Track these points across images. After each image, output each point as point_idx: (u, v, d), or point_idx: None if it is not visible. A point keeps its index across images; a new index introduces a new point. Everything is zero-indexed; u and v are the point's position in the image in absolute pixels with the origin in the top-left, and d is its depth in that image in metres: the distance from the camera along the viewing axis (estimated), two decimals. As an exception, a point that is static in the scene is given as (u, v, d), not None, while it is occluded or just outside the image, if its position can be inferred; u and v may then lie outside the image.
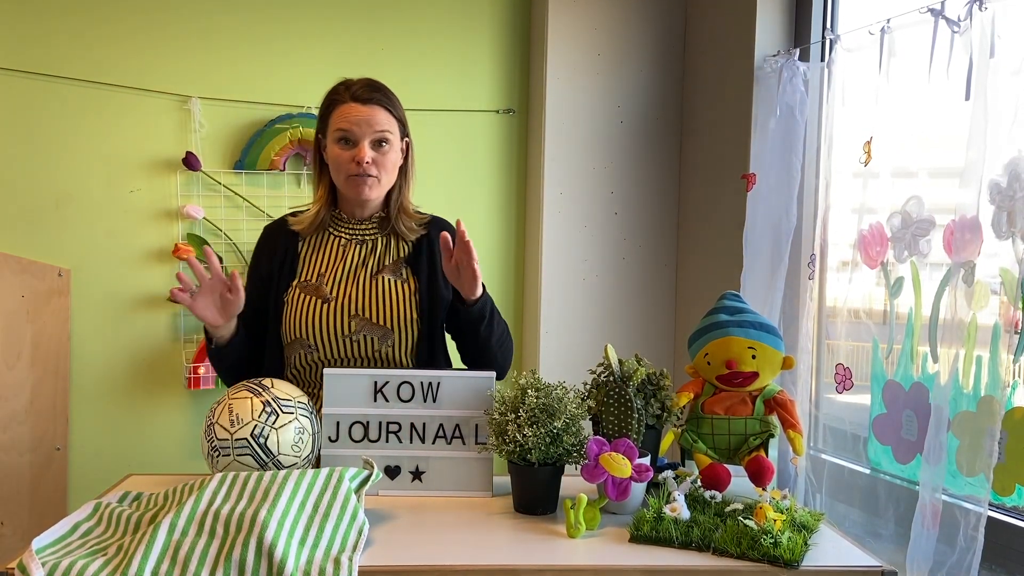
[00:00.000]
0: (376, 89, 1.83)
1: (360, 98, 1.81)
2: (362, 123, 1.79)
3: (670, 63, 2.99)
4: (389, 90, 1.87)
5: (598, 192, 2.97)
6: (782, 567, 1.35)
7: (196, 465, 2.81)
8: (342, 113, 1.81)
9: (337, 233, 1.91)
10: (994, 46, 1.61)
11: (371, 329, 1.82)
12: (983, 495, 1.56)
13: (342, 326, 1.82)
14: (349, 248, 1.89)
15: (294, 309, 1.83)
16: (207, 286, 1.73)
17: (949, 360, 1.65)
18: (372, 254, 1.89)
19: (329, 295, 1.84)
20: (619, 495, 1.52)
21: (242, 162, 2.83)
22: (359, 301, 1.83)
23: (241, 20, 2.84)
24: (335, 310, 1.82)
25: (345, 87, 1.84)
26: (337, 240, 1.90)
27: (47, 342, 2.70)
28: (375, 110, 1.80)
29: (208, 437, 1.57)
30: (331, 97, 1.85)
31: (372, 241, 1.90)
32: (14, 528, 2.66)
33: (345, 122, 1.80)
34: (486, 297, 1.82)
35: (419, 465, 1.68)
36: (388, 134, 1.81)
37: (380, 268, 1.88)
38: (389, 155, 1.83)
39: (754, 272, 2.40)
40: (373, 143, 1.81)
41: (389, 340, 1.83)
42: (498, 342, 1.86)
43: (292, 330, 1.83)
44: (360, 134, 1.80)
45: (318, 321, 1.82)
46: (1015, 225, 1.53)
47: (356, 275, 1.86)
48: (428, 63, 2.98)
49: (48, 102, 2.72)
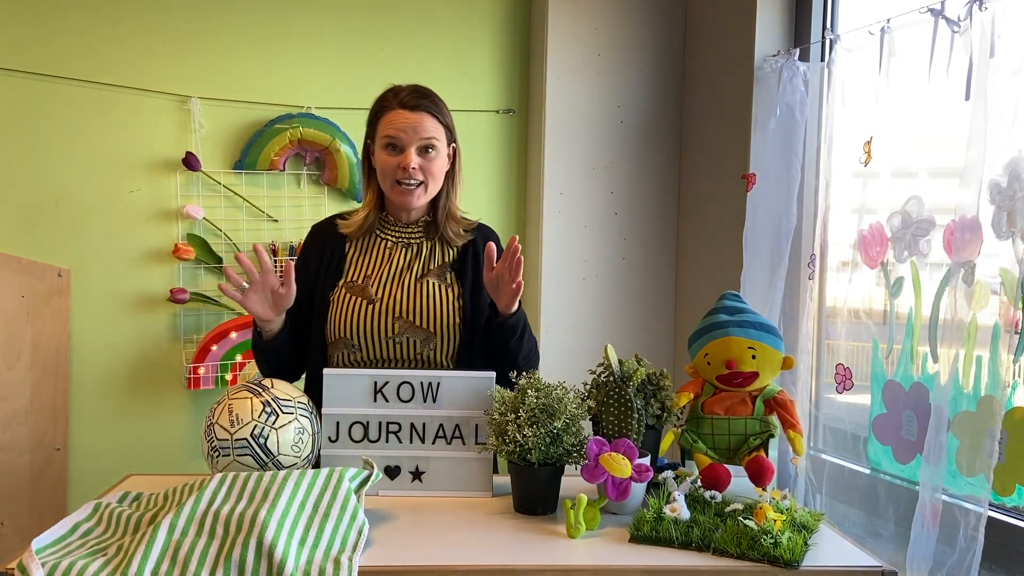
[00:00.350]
0: (424, 96, 1.85)
1: (408, 104, 1.82)
2: (409, 130, 1.81)
3: (670, 63, 2.99)
4: (437, 96, 1.88)
5: (598, 192, 2.97)
6: (782, 567, 1.35)
7: (196, 465, 2.81)
8: (390, 119, 1.83)
9: (384, 236, 1.92)
10: (994, 46, 1.61)
11: (414, 332, 1.84)
12: (983, 495, 1.56)
13: (386, 328, 1.83)
14: (395, 251, 1.91)
15: (339, 309, 1.85)
16: (258, 282, 1.75)
17: (949, 360, 1.65)
18: (417, 258, 1.90)
19: (375, 297, 1.85)
20: (619, 495, 1.52)
21: (242, 162, 2.83)
22: (403, 304, 1.85)
23: (241, 20, 2.84)
24: (379, 312, 1.84)
25: (394, 93, 1.85)
26: (384, 243, 1.92)
27: (47, 342, 2.70)
28: (422, 117, 1.82)
29: (208, 437, 1.58)
30: (380, 103, 1.87)
31: (418, 245, 1.92)
32: (14, 528, 2.66)
33: (392, 128, 1.82)
34: (521, 313, 1.83)
35: (419, 465, 1.68)
36: (435, 141, 1.83)
37: (425, 272, 1.89)
38: (435, 161, 1.84)
39: (754, 272, 2.40)
40: (420, 149, 1.82)
41: (431, 343, 1.84)
42: (524, 358, 1.87)
43: (336, 330, 1.85)
44: (407, 141, 1.81)
45: (362, 322, 1.83)
46: (1015, 225, 1.53)
47: (401, 278, 1.88)
48: (428, 63, 2.98)
49: (48, 102, 2.72)
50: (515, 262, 1.69)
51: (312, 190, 2.91)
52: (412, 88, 1.86)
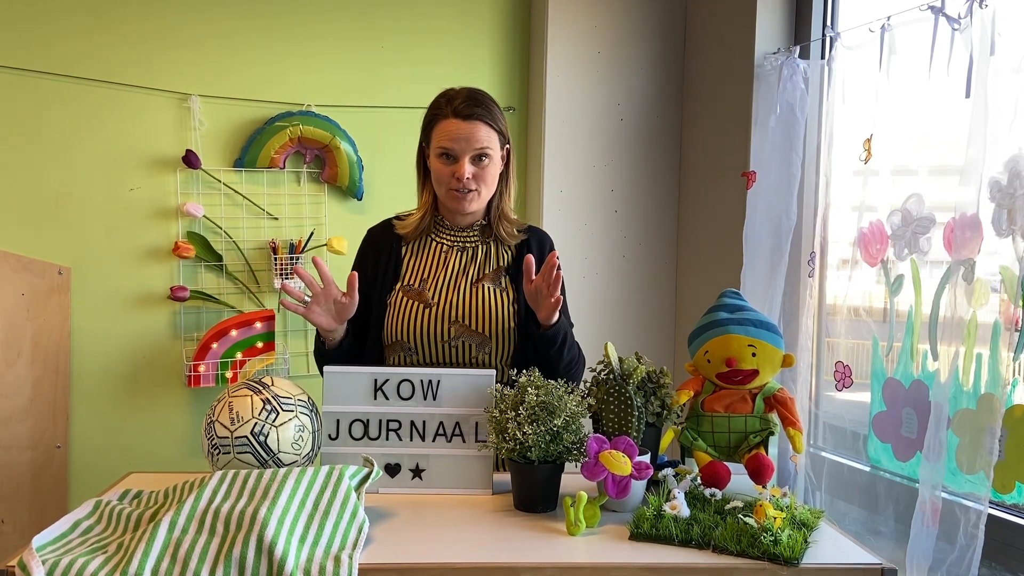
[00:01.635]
0: (477, 103, 1.83)
1: (461, 114, 1.81)
2: (462, 140, 1.81)
3: (670, 61, 2.99)
4: (491, 101, 1.87)
5: (598, 190, 2.97)
6: (782, 565, 1.35)
7: (196, 463, 2.82)
8: (444, 129, 1.82)
9: (439, 239, 1.93)
10: (994, 44, 1.61)
11: (470, 336, 1.84)
12: (983, 493, 1.56)
13: (442, 331, 1.84)
14: (451, 255, 1.92)
15: (396, 312, 1.86)
16: (320, 294, 1.76)
17: (949, 358, 1.65)
18: (473, 262, 1.91)
19: (431, 300, 1.86)
20: (619, 493, 1.52)
21: (242, 160, 2.83)
22: (459, 308, 1.85)
23: (241, 18, 2.84)
24: (436, 316, 1.84)
25: (447, 100, 1.84)
26: (440, 246, 1.93)
27: (47, 340, 2.70)
28: (476, 126, 1.81)
29: (208, 435, 1.58)
30: (433, 110, 1.87)
31: (473, 249, 1.92)
32: (14, 526, 2.66)
33: (446, 139, 1.82)
34: (560, 324, 1.82)
35: (419, 463, 1.68)
36: (488, 149, 1.83)
37: (481, 276, 1.90)
38: (489, 169, 1.85)
39: (754, 270, 2.40)
40: (473, 159, 1.82)
41: (487, 348, 1.85)
42: (566, 368, 1.86)
43: (393, 332, 1.86)
44: (460, 151, 1.81)
45: (419, 325, 1.84)
46: (1015, 223, 1.53)
47: (457, 282, 1.89)
48: (428, 61, 2.98)
49: (48, 100, 2.72)
50: (554, 277, 1.70)
51: (312, 188, 2.91)
52: (466, 95, 1.84)
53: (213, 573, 1.27)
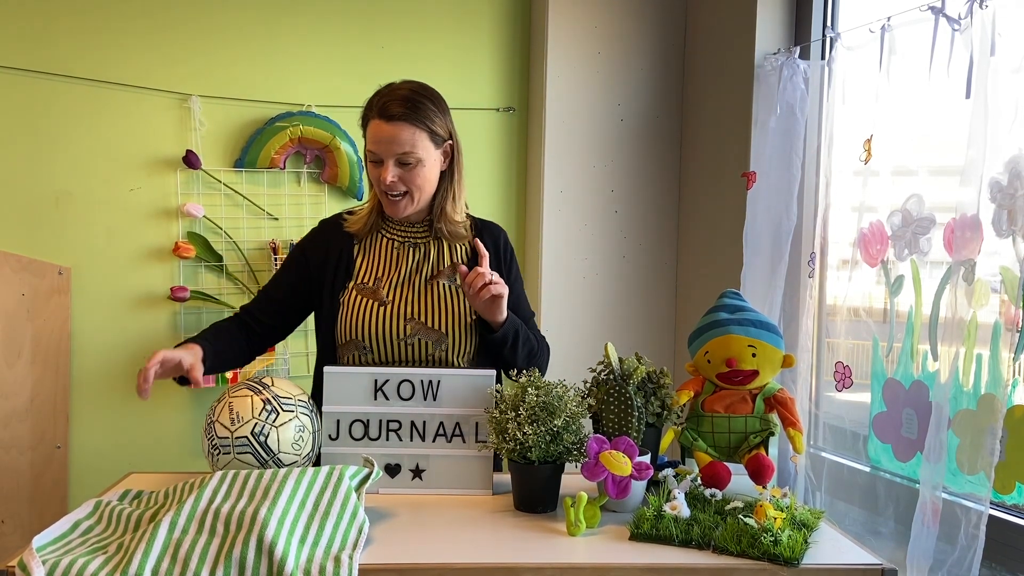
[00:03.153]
0: (405, 103, 1.78)
1: (386, 115, 1.77)
2: (384, 143, 1.78)
3: (670, 61, 2.99)
4: (422, 99, 1.81)
5: (598, 190, 2.97)
6: (782, 565, 1.35)
7: (196, 463, 2.81)
8: (370, 131, 1.81)
9: (390, 236, 1.91)
10: (995, 44, 1.61)
11: (426, 333, 1.83)
12: (984, 493, 1.56)
13: (398, 329, 1.82)
14: (403, 252, 1.89)
15: (350, 311, 1.83)
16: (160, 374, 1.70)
17: (949, 358, 1.65)
18: (426, 260, 1.89)
19: (386, 298, 1.84)
20: (619, 493, 1.52)
21: (242, 160, 2.83)
22: (415, 305, 1.84)
23: (241, 18, 2.84)
24: (391, 313, 1.83)
25: (378, 98, 1.81)
26: (391, 243, 1.90)
27: (47, 340, 2.70)
28: (399, 128, 1.77)
29: (208, 435, 1.58)
30: (365, 110, 1.84)
31: (425, 245, 1.90)
32: (14, 526, 2.66)
33: (371, 142, 1.80)
34: (508, 326, 1.82)
35: (419, 463, 1.68)
36: (412, 154, 1.78)
37: (435, 273, 1.88)
38: (416, 170, 1.80)
39: (754, 270, 2.40)
40: (397, 162, 1.79)
41: (443, 344, 1.83)
42: (525, 361, 1.86)
43: (347, 331, 1.83)
44: (384, 154, 1.79)
45: (374, 324, 1.82)
46: (1015, 223, 1.53)
47: (412, 280, 1.87)
48: (428, 61, 2.98)
49: (48, 100, 2.72)
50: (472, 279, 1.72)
51: (312, 188, 2.91)
52: (399, 95, 1.79)
53: (213, 573, 1.27)
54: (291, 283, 1.92)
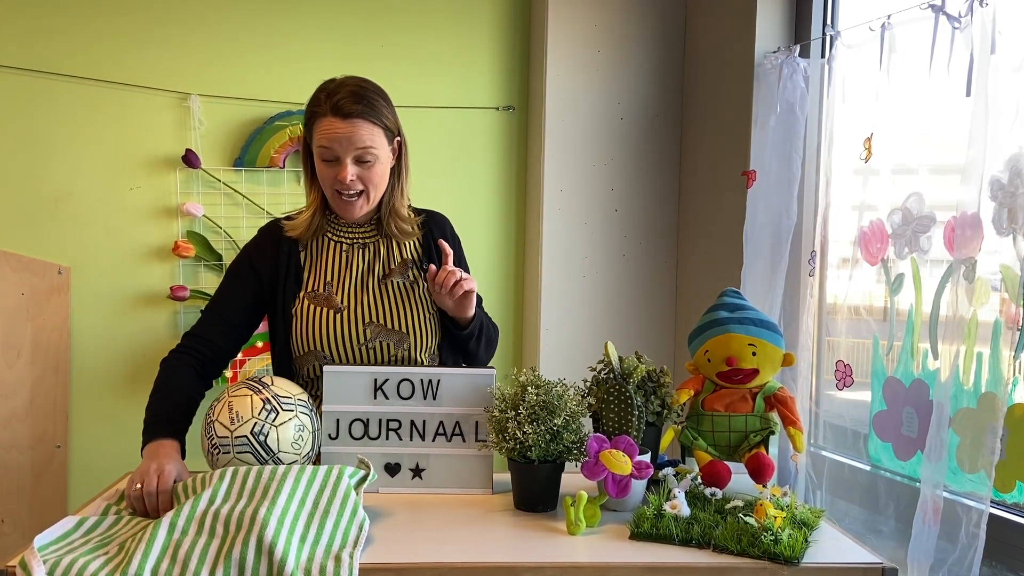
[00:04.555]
0: (359, 99, 1.71)
1: (341, 112, 1.69)
2: (343, 140, 1.70)
3: (670, 60, 2.98)
4: (373, 94, 1.74)
5: (598, 189, 2.96)
6: (782, 564, 1.34)
7: (196, 463, 2.80)
8: (323, 128, 1.71)
9: (337, 238, 1.85)
10: (995, 42, 1.61)
11: (386, 335, 1.80)
12: (984, 492, 1.56)
13: (357, 335, 1.78)
14: (352, 254, 1.84)
15: (305, 321, 1.78)
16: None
17: (950, 357, 1.65)
18: (377, 259, 1.84)
19: (340, 305, 1.80)
20: (619, 492, 1.52)
21: (242, 159, 2.83)
22: (372, 308, 1.80)
23: (241, 17, 2.84)
24: (348, 319, 1.79)
25: (327, 95, 1.72)
26: (339, 246, 1.84)
27: (47, 340, 2.70)
28: (356, 125, 1.69)
29: (208, 435, 1.57)
30: (312, 107, 1.74)
31: (374, 245, 1.85)
32: (14, 526, 2.66)
33: (326, 139, 1.71)
34: (476, 318, 1.82)
35: (419, 462, 1.68)
36: (371, 150, 1.72)
37: (388, 272, 1.84)
38: (375, 168, 1.74)
39: (754, 269, 2.40)
40: (356, 160, 1.72)
41: (405, 344, 1.81)
42: (486, 347, 1.90)
43: (304, 343, 1.78)
44: (341, 152, 1.71)
45: (331, 332, 1.77)
46: (1016, 222, 1.53)
47: (365, 282, 1.82)
48: (428, 60, 2.98)
49: (48, 100, 2.72)
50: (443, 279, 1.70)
51: (312, 187, 2.91)
52: (348, 90, 1.71)
53: (213, 574, 1.27)
54: (244, 301, 1.83)
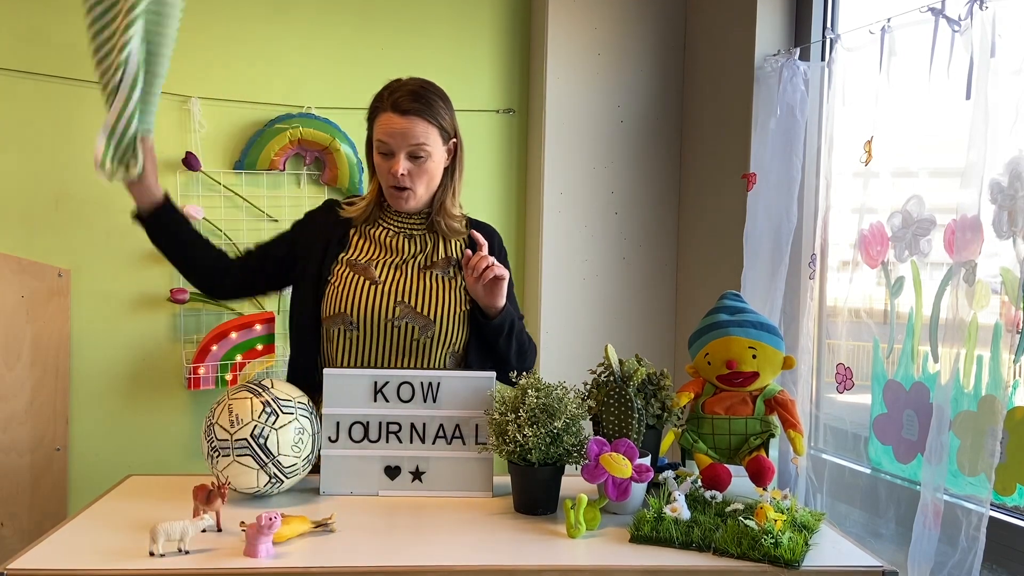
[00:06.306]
0: (417, 98, 1.81)
1: (399, 108, 1.79)
2: (397, 135, 1.79)
3: (670, 63, 2.99)
4: (433, 95, 1.85)
5: (598, 192, 2.96)
6: (783, 567, 1.34)
7: (196, 465, 2.81)
8: (381, 123, 1.82)
9: (387, 225, 1.92)
10: (995, 45, 1.61)
11: (414, 318, 1.83)
12: (984, 495, 1.55)
13: (386, 310, 1.83)
14: (399, 240, 1.90)
15: (340, 284, 1.84)
16: None
17: (950, 360, 1.65)
18: (422, 251, 1.91)
19: (377, 278, 1.85)
20: (619, 495, 1.52)
21: (242, 162, 2.83)
22: (406, 289, 1.85)
23: (241, 20, 2.84)
24: (381, 293, 1.83)
25: (389, 92, 1.83)
26: (388, 231, 1.91)
27: (47, 342, 2.69)
28: (412, 122, 1.79)
29: (208, 437, 1.57)
30: (375, 103, 1.86)
31: (421, 237, 1.92)
32: (14, 529, 2.65)
33: (383, 133, 1.81)
34: (507, 314, 1.84)
35: (419, 465, 1.68)
36: (424, 147, 1.81)
37: (430, 264, 1.90)
38: (426, 165, 1.83)
39: (754, 272, 2.40)
40: (409, 155, 1.81)
41: (429, 331, 1.84)
42: (517, 355, 1.90)
43: (335, 304, 1.83)
44: (396, 147, 1.80)
45: (363, 300, 1.83)
46: (1016, 225, 1.53)
47: (406, 265, 1.88)
48: (428, 63, 2.98)
49: (48, 102, 2.72)
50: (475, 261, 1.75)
51: (312, 190, 2.91)
52: (409, 89, 1.83)
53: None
54: (278, 250, 1.97)
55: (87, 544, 1.38)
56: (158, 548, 1.32)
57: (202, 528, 1.37)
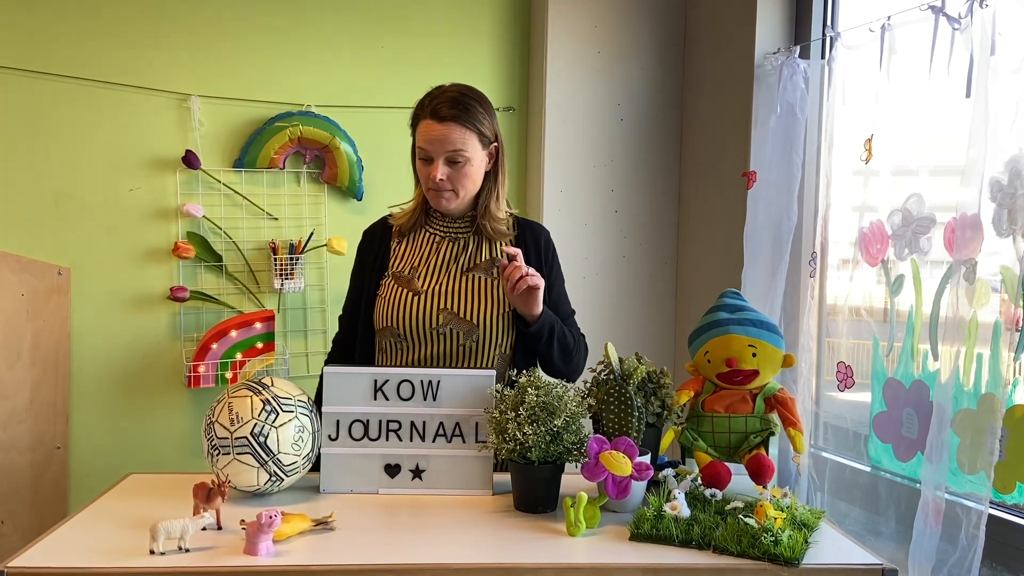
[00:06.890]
0: (456, 104, 1.84)
1: (438, 115, 1.83)
2: (436, 142, 1.83)
3: (670, 61, 2.99)
4: (473, 102, 1.87)
5: (598, 190, 2.96)
6: (782, 565, 1.34)
7: (197, 463, 2.81)
8: (421, 129, 1.86)
9: (432, 230, 1.96)
10: (995, 43, 1.61)
11: (457, 323, 1.86)
12: (984, 493, 1.56)
13: (430, 319, 1.86)
14: (442, 244, 1.94)
15: (386, 299, 1.90)
16: None
17: (950, 358, 1.65)
18: (464, 252, 1.93)
19: (420, 288, 1.88)
20: (619, 493, 1.52)
21: (242, 160, 2.83)
22: (448, 295, 1.88)
23: (241, 18, 2.84)
24: (424, 303, 1.87)
25: (429, 99, 1.86)
26: (432, 236, 1.96)
27: (47, 341, 2.70)
28: (450, 128, 1.82)
29: (208, 435, 1.58)
30: (416, 110, 1.89)
31: (464, 239, 1.94)
32: (14, 527, 2.66)
33: (423, 140, 1.85)
34: (544, 321, 1.85)
35: (419, 463, 1.68)
36: (462, 152, 1.84)
37: (472, 266, 1.92)
38: (465, 169, 1.86)
39: (755, 270, 2.40)
40: (447, 161, 1.84)
41: (474, 335, 1.86)
42: (562, 358, 1.90)
43: (383, 318, 1.89)
44: (434, 153, 1.84)
45: (408, 312, 1.86)
46: (1016, 223, 1.53)
47: (448, 270, 1.91)
48: (428, 61, 2.98)
49: (48, 100, 2.72)
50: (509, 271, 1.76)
51: (312, 188, 2.91)
52: (449, 96, 1.85)
53: None
54: (357, 296, 1.99)
55: (87, 542, 1.39)
56: (158, 546, 1.32)
57: (202, 526, 1.37)
